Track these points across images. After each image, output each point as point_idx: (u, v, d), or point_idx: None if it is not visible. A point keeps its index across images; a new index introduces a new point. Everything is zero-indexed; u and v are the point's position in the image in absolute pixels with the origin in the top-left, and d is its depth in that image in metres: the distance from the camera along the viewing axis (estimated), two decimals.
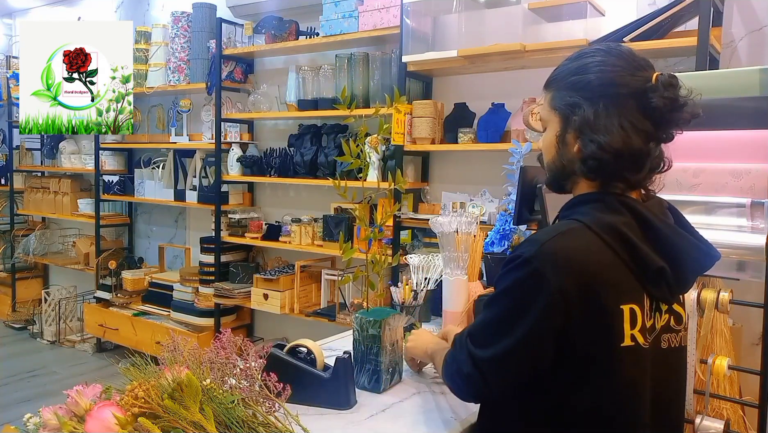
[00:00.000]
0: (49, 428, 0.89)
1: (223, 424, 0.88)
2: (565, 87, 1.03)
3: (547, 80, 1.08)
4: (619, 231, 0.96)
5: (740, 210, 1.47)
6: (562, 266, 0.92)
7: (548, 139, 1.07)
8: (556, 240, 0.95)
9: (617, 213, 0.98)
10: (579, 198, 1.05)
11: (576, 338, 0.93)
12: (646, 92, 0.96)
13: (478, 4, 2.88)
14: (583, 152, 0.99)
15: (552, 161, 1.07)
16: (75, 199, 4.83)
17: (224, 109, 3.76)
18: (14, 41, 5.58)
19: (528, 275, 0.94)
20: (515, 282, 0.96)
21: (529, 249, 0.95)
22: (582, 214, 0.99)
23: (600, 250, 0.95)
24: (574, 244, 0.95)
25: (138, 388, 0.86)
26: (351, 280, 1.39)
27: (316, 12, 3.34)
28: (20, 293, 5.30)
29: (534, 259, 0.93)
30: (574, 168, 1.03)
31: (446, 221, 1.75)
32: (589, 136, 0.98)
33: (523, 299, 0.94)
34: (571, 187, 1.08)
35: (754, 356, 1.74)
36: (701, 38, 2.14)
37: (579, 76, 1.01)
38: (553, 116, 1.05)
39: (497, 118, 2.81)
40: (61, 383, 3.87)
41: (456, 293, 1.73)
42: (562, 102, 1.02)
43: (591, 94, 0.99)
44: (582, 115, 0.99)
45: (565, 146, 1.03)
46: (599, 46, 1.04)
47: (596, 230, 0.96)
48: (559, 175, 1.07)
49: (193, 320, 3.90)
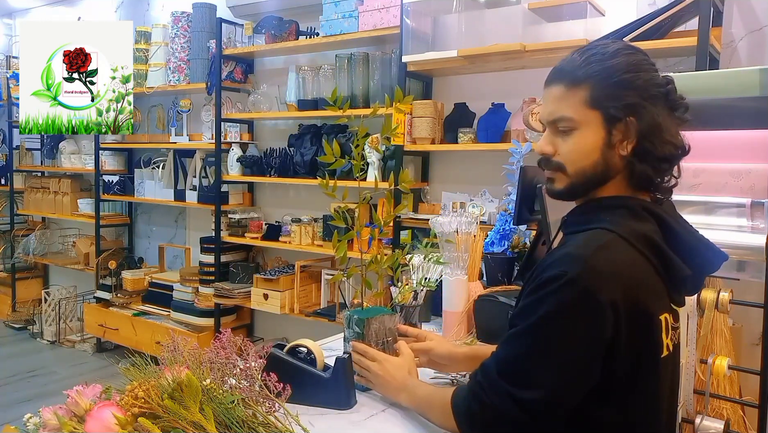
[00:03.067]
0: (49, 428, 0.89)
1: (223, 424, 0.88)
2: (613, 85, 0.94)
3: (572, 75, 0.97)
4: (653, 241, 0.93)
5: (740, 210, 1.47)
6: (610, 281, 0.87)
7: (587, 143, 0.96)
8: (599, 255, 0.88)
9: (645, 221, 0.95)
10: (598, 203, 0.99)
11: (622, 352, 0.88)
12: (670, 93, 0.96)
13: (478, 4, 2.88)
14: (652, 155, 0.94)
15: (591, 166, 0.97)
16: (75, 199, 4.83)
17: (224, 109, 3.76)
18: (14, 41, 5.58)
19: (577, 296, 0.86)
20: (561, 305, 0.86)
21: (572, 267, 0.87)
22: (610, 222, 0.93)
23: (640, 261, 0.91)
24: (618, 257, 0.89)
25: (138, 388, 0.86)
26: (342, 277, 1.39)
27: (316, 12, 3.34)
28: (20, 293, 5.30)
29: (581, 278, 0.86)
30: (616, 173, 0.97)
31: (446, 220, 1.75)
32: (661, 137, 0.94)
33: (573, 323, 0.86)
34: (593, 191, 1.00)
35: (754, 356, 1.74)
36: (701, 38, 2.14)
37: (633, 74, 0.94)
38: (591, 116, 0.95)
39: (497, 118, 2.81)
40: (61, 383, 3.87)
41: (456, 293, 1.73)
42: (615, 101, 0.94)
43: (648, 94, 0.94)
44: (649, 117, 0.93)
45: (612, 150, 0.95)
46: (625, 43, 1.00)
47: (632, 241, 0.91)
48: (594, 182, 0.98)
49: (193, 320, 3.89)
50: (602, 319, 0.85)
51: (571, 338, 0.87)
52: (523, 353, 0.89)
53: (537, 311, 0.88)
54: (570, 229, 1.01)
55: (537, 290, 0.89)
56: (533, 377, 0.87)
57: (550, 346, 0.87)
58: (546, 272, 0.90)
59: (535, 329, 0.88)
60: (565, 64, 0.99)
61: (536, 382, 0.87)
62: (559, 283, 0.86)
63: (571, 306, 0.86)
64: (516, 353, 0.91)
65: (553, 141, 1.00)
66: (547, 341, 0.88)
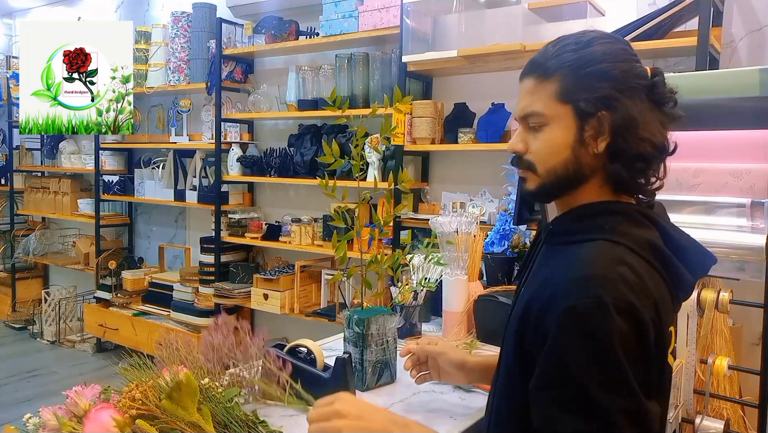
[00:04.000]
0: (48, 429, 0.89)
1: (222, 424, 0.88)
2: (584, 76, 0.86)
3: (542, 67, 0.90)
4: (659, 249, 0.85)
5: (740, 210, 1.47)
6: (643, 298, 0.78)
7: (556, 140, 0.88)
8: (622, 271, 0.79)
9: (646, 227, 0.87)
10: (592, 208, 0.90)
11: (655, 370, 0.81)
12: (656, 85, 0.87)
13: (478, 4, 2.88)
14: (627, 153, 0.85)
15: (562, 165, 0.88)
16: (75, 199, 4.83)
17: (224, 109, 3.76)
18: (14, 41, 5.58)
19: (624, 322, 0.75)
20: (608, 334, 0.75)
21: (602, 290, 0.76)
22: (612, 232, 0.85)
23: (652, 273, 0.83)
24: (637, 272, 0.80)
25: (135, 389, 0.86)
26: (342, 278, 1.39)
27: (316, 12, 3.34)
28: (20, 293, 5.30)
29: (619, 300, 0.76)
30: (592, 172, 0.88)
31: (446, 220, 1.75)
32: (636, 133, 0.85)
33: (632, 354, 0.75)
34: (569, 194, 0.91)
35: (754, 356, 1.74)
36: (701, 38, 2.14)
37: (608, 64, 0.85)
38: (562, 111, 0.87)
39: (497, 118, 2.81)
40: (61, 383, 3.87)
41: (456, 293, 1.73)
42: (587, 94, 0.85)
43: (624, 86, 0.85)
44: (624, 111, 0.84)
45: (583, 147, 0.87)
46: (602, 32, 0.91)
47: (639, 252, 0.83)
48: (567, 182, 0.90)
49: (193, 320, 3.89)
50: (649, 340, 0.77)
51: (639, 369, 0.76)
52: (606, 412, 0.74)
53: (585, 358, 0.75)
54: (559, 239, 0.92)
55: (566, 329, 0.76)
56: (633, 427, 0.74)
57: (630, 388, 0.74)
58: (564, 301, 0.77)
59: (603, 381, 0.74)
60: (538, 56, 0.92)
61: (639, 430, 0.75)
62: (596, 313, 0.75)
63: (623, 336, 0.75)
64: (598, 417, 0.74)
65: (525, 138, 0.92)
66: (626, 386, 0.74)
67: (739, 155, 1.51)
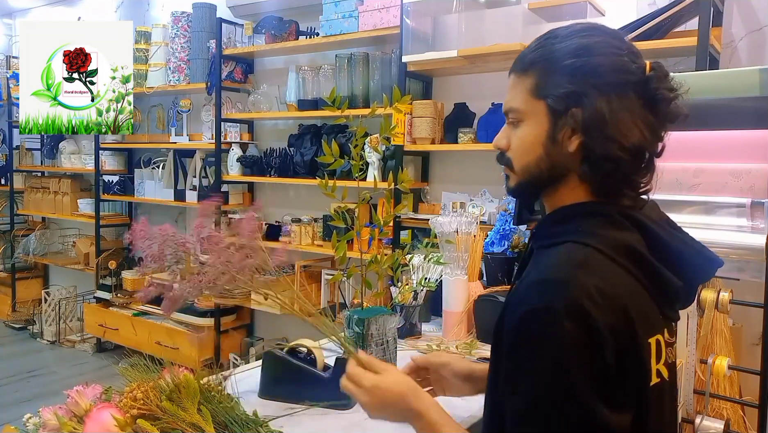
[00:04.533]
0: (48, 428, 0.89)
1: (222, 424, 0.88)
2: (559, 71, 0.82)
3: (522, 62, 0.87)
4: (637, 253, 0.81)
5: (740, 210, 1.47)
6: (601, 302, 0.74)
7: (529, 137, 0.86)
8: (579, 275, 0.76)
9: (624, 229, 0.82)
10: (569, 210, 0.86)
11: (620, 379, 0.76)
12: (648, 82, 0.82)
13: (478, 4, 2.88)
14: (594, 153, 0.81)
15: (535, 163, 0.86)
16: (75, 199, 4.83)
17: (224, 109, 3.76)
18: (14, 41, 5.58)
19: (572, 330, 0.72)
20: (559, 348, 0.73)
21: (555, 296, 0.74)
22: (584, 234, 0.81)
23: (623, 278, 0.79)
24: (599, 274, 0.77)
25: (136, 389, 0.86)
26: (342, 278, 1.39)
27: (316, 12, 3.34)
28: (20, 293, 5.30)
29: (571, 307, 0.73)
30: (568, 172, 0.85)
31: (446, 220, 1.75)
32: (604, 133, 0.80)
33: (581, 366, 0.72)
34: (550, 194, 0.89)
35: (754, 356, 1.74)
36: (701, 38, 2.14)
37: (582, 59, 0.81)
38: (536, 107, 0.85)
39: (497, 118, 2.81)
40: (61, 383, 3.87)
41: (456, 293, 1.73)
42: (558, 90, 0.82)
43: (600, 81, 0.80)
44: (592, 108, 0.80)
45: (556, 145, 0.83)
46: (587, 24, 0.87)
47: (610, 254, 0.79)
48: (541, 181, 0.87)
49: (193, 320, 3.89)
50: (605, 347, 0.73)
51: (590, 379, 0.72)
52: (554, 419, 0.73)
53: (534, 366, 0.74)
54: (539, 242, 0.89)
55: (517, 337, 0.76)
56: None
57: (577, 395, 0.72)
58: (519, 307, 0.76)
59: (547, 392, 0.73)
60: (523, 50, 0.90)
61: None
62: (544, 318, 0.73)
63: (572, 342, 0.72)
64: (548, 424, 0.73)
65: (507, 134, 0.91)
66: (572, 393, 0.72)
67: (739, 155, 1.51)
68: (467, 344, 1.62)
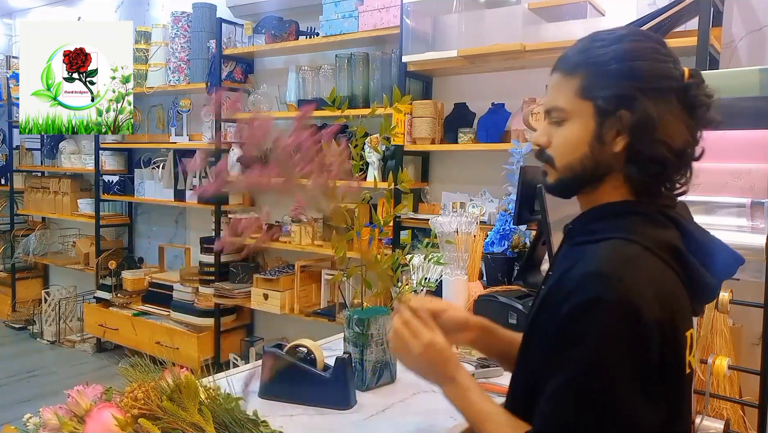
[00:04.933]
0: (49, 428, 0.89)
1: (223, 424, 0.88)
2: (608, 74, 0.85)
3: (568, 63, 0.90)
4: (677, 250, 0.84)
5: (740, 210, 1.47)
6: (650, 298, 0.77)
7: (575, 136, 0.88)
8: (630, 270, 0.79)
9: (665, 227, 0.86)
10: (611, 208, 0.89)
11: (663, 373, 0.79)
12: (688, 88, 0.86)
13: (478, 4, 2.88)
14: (642, 154, 0.84)
15: (579, 161, 0.88)
16: (75, 199, 4.83)
17: (224, 109, 3.76)
18: (14, 41, 5.58)
19: (622, 323, 0.75)
20: (607, 338, 0.76)
21: (606, 289, 0.76)
22: (629, 231, 0.84)
23: (668, 274, 0.82)
24: (649, 271, 0.80)
25: (137, 389, 0.86)
26: (341, 277, 1.38)
27: (316, 12, 3.34)
28: (20, 293, 5.30)
29: (621, 300, 0.76)
30: (610, 171, 0.88)
31: (446, 220, 1.75)
32: (653, 135, 0.83)
33: (628, 356, 0.76)
34: (589, 192, 0.91)
35: (754, 356, 1.73)
36: (701, 38, 2.14)
37: (631, 63, 0.84)
38: (583, 107, 0.87)
39: (497, 118, 2.81)
40: (61, 383, 3.87)
41: (456, 293, 1.73)
42: (607, 92, 0.84)
43: (647, 85, 0.83)
44: (641, 111, 0.82)
45: (602, 145, 0.86)
46: (634, 29, 0.90)
47: (656, 251, 0.82)
48: (584, 179, 0.89)
49: (193, 320, 3.89)
50: (651, 343, 0.76)
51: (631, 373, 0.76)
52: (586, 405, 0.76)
53: (576, 353, 0.77)
54: (578, 239, 0.91)
55: (566, 325, 0.79)
56: (611, 427, 0.76)
57: (619, 391, 0.75)
58: (571, 298, 0.78)
59: (589, 376, 0.76)
60: (567, 51, 0.92)
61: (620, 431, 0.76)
62: (594, 311, 0.76)
63: (619, 336, 0.75)
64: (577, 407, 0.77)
65: (548, 132, 0.92)
66: (613, 386, 0.75)
67: (739, 155, 1.51)
68: None
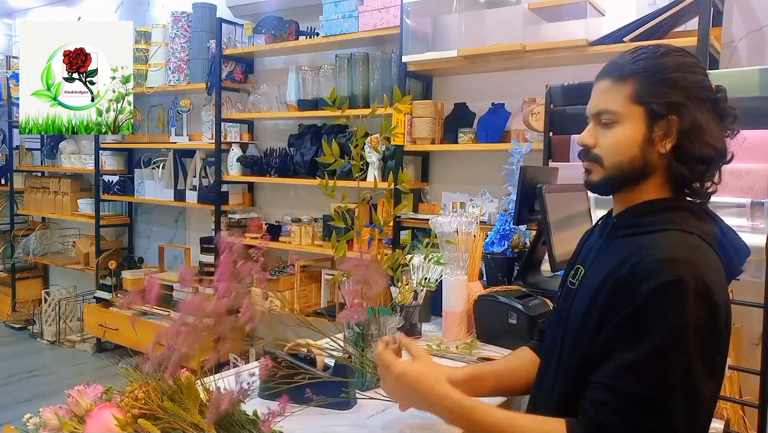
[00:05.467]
0: (49, 428, 0.89)
1: (223, 425, 0.88)
2: (659, 83, 0.94)
3: (620, 70, 0.99)
4: (721, 242, 0.94)
5: (740, 210, 1.47)
6: (719, 283, 0.88)
7: (627, 137, 0.97)
8: (700, 257, 0.88)
9: (708, 222, 0.96)
10: (659, 204, 0.98)
11: (723, 351, 0.90)
12: (719, 101, 0.96)
13: (478, 4, 2.88)
14: (690, 155, 0.94)
15: (629, 161, 0.97)
16: (75, 199, 4.83)
17: (224, 109, 3.76)
18: (14, 41, 5.58)
19: (701, 302, 0.84)
20: (688, 315, 0.83)
21: (685, 272, 0.84)
22: (684, 224, 0.93)
23: (718, 262, 0.92)
24: (711, 259, 0.91)
25: (138, 389, 0.86)
26: (341, 278, 1.38)
27: (316, 12, 3.34)
28: (20, 293, 5.30)
29: (699, 282, 0.84)
30: (655, 170, 0.97)
31: (446, 220, 1.75)
32: (701, 138, 0.93)
33: (706, 332, 0.84)
34: (631, 189, 0.99)
35: (754, 356, 1.74)
36: (701, 38, 2.14)
37: (680, 74, 0.95)
38: (634, 111, 0.96)
39: (497, 118, 2.81)
40: (61, 383, 3.87)
41: (456, 293, 1.73)
42: (659, 98, 0.94)
43: (693, 94, 0.94)
44: (691, 116, 0.93)
45: (651, 146, 0.95)
46: (676, 46, 1.00)
47: (709, 242, 0.92)
48: (631, 177, 0.98)
49: None
50: (720, 322, 0.86)
51: (708, 349, 0.84)
52: (663, 378, 0.83)
53: (659, 326, 0.83)
54: (625, 231, 0.99)
55: (648, 302, 0.85)
56: (683, 400, 0.82)
57: (692, 364, 0.83)
58: (649, 279, 0.85)
59: (667, 349, 0.83)
60: (615, 60, 1.01)
61: (688, 404, 0.83)
62: (677, 290, 0.84)
63: (697, 314, 0.83)
64: (654, 381, 0.83)
65: (594, 133, 1.01)
66: (688, 359, 0.83)
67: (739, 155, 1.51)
68: (467, 344, 1.62)
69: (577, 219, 1.82)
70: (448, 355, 1.55)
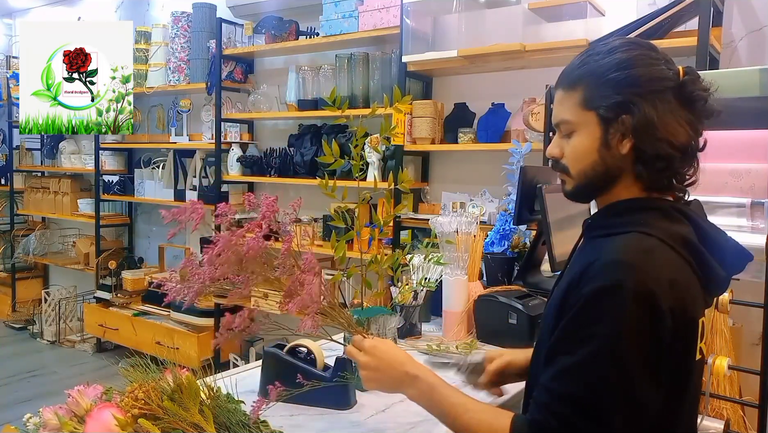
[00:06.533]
0: (49, 428, 0.89)
1: (224, 425, 0.88)
2: (604, 84, 0.92)
3: (569, 78, 0.97)
4: (691, 243, 0.90)
5: (740, 210, 1.47)
6: (666, 287, 0.84)
7: (583, 145, 0.95)
8: (648, 260, 0.85)
9: (678, 222, 0.92)
10: (628, 204, 0.96)
11: (668, 357, 0.85)
12: (684, 85, 0.92)
13: (478, 4, 2.88)
14: (647, 153, 0.91)
15: (591, 167, 0.95)
16: (75, 199, 4.84)
17: (224, 109, 3.76)
18: (14, 41, 5.58)
19: (639, 307, 0.81)
20: (624, 320, 0.81)
21: (626, 275, 0.83)
22: (645, 225, 0.90)
23: (682, 265, 0.89)
24: (665, 262, 0.87)
25: (138, 389, 0.86)
26: (341, 277, 1.38)
27: (316, 12, 3.34)
28: (20, 293, 5.30)
29: (639, 286, 0.82)
30: (621, 172, 0.95)
31: (446, 220, 1.75)
32: (654, 135, 0.90)
33: (642, 337, 0.82)
34: (605, 193, 0.98)
35: (754, 356, 1.73)
36: (701, 38, 2.14)
37: (623, 72, 0.91)
38: (587, 118, 0.94)
39: (497, 118, 2.81)
40: (61, 383, 3.87)
41: (456, 293, 1.73)
42: (606, 101, 0.92)
43: (642, 90, 0.90)
44: (640, 114, 0.89)
45: (609, 150, 0.93)
46: (625, 39, 0.96)
47: (671, 244, 0.88)
48: (598, 183, 0.96)
49: (193, 320, 3.89)
50: (664, 328, 0.83)
51: (651, 356, 0.82)
52: (598, 383, 0.81)
53: (596, 331, 0.82)
54: (595, 233, 0.98)
55: (587, 306, 0.84)
56: (619, 406, 0.81)
57: (630, 370, 0.81)
58: (593, 282, 0.84)
59: (603, 354, 0.81)
60: (566, 68, 0.99)
61: (626, 410, 0.81)
62: (615, 295, 0.82)
63: (636, 319, 0.81)
64: (589, 385, 0.82)
65: (560, 144, 1.00)
66: (624, 365, 0.81)
67: (739, 155, 1.51)
68: (467, 343, 1.62)
69: (577, 219, 1.82)
70: (449, 355, 1.55)
